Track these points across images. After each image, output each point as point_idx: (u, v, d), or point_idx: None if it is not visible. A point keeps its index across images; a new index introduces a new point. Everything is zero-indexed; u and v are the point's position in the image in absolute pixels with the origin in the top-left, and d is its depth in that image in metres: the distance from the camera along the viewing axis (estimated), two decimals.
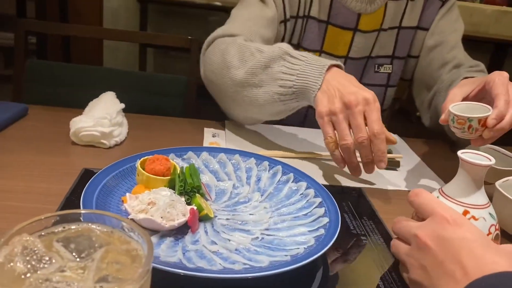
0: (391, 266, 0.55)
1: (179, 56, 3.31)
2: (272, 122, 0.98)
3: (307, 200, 0.62)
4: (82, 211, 0.34)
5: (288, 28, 0.98)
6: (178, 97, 1.30)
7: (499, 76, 0.70)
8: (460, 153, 0.55)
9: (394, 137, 0.93)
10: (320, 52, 1.01)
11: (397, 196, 0.75)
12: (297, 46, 1.01)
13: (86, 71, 1.27)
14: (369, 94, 0.70)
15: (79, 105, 0.87)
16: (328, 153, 0.85)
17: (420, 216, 0.49)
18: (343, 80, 0.72)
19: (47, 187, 0.63)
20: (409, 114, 2.94)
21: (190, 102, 1.30)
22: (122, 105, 0.86)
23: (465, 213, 0.54)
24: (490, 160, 0.54)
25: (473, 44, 3.74)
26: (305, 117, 1.08)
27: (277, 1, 0.95)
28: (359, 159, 0.74)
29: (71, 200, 0.60)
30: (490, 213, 0.55)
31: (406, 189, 0.78)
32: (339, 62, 0.76)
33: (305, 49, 1.01)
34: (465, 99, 0.73)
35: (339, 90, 0.70)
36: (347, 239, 0.60)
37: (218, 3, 3.30)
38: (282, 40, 0.99)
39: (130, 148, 0.79)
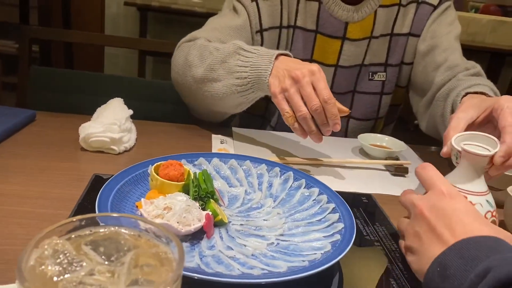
0: (405, 271, 0.55)
1: None
2: (278, 129, 0.98)
3: (320, 206, 0.62)
4: (112, 214, 0.33)
5: (267, 38, 0.98)
6: (182, 104, 1.31)
7: (508, 103, 0.66)
8: (462, 143, 0.57)
9: (401, 143, 0.94)
10: (310, 61, 1.01)
11: None
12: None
13: (90, 78, 1.27)
14: (313, 66, 0.75)
15: (84, 111, 0.87)
16: (337, 160, 0.86)
17: (425, 187, 0.54)
18: (290, 63, 0.78)
19: (59, 193, 0.63)
20: (407, 122, 2.96)
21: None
22: (131, 111, 0.86)
23: None
24: (489, 150, 0.56)
25: (470, 53, 3.77)
26: None
27: (251, 11, 0.95)
28: None
29: (84, 206, 0.60)
30: (487, 200, 0.57)
31: (445, 148, 0.75)
32: (287, 52, 0.83)
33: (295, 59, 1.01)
34: (470, 125, 0.69)
35: (287, 69, 0.76)
36: (361, 244, 0.60)
37: (199, 9, 3.34)
38: None
39: (139, 154, 0.79)
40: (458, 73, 0.95)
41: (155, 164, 0.62)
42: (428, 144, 1.05)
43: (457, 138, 0.61)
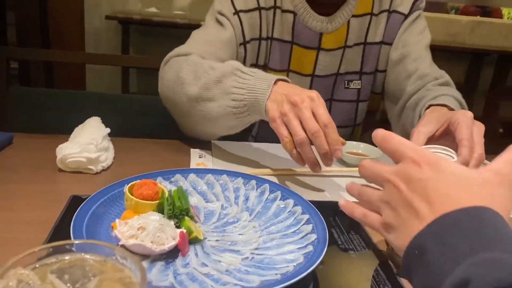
0: (382, 279, 0.56)
1: None
2: (259, 139, 1.00)
3: (295, 218, 0.64)
4: (75, 242, 0.34)
5: (249, 50, 1.00)
6: (163, 117, 1.31)
7: (463, 117, 0.71)
8: (426, 146, 0.58)
9: (377, 149, 0.96)
10: (287, 71, 1.04)
11: None
12: (264, 67, 1.03)
13: (70, 96, 1.28)
14: (312, 92, 0.75)
15: (66, 131, 0.87)
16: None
17: (393, 160, 0.47)
18: (289, 88, 0.78)
19: (36, 216, 0.63)
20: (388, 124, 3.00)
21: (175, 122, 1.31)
22: (108, 130, 0.87)
23: None
24: (452, 157, 0.57)
25: (451, 54, 3.84)
26: None
27: (234, 23, 0.97)
28: None
29: (61, 228, 0.60)
30: None
31: None
32: (286, 77, 0.81)
33: (272, 70, 1.03)
34: (430, 138, 0.73)
35: (285, 94, 0.75)
36: (336, 254, 0.61)
37: (200, 22, 3.34)
38: (244, 61, 1.01)
39: (117, 173, 0.80)
40: (428, 82, 0.98)
41: (129, 184, 0.62)
42: None
43: None
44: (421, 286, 0.39)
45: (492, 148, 0.76)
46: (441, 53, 1.06)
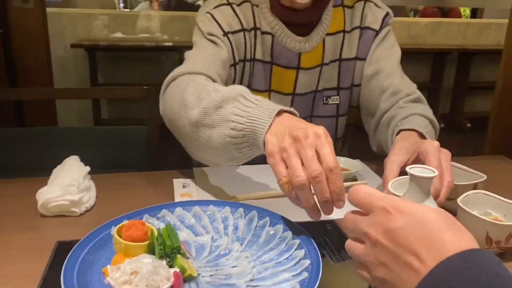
0: None
1: (135, 101, 3.30)
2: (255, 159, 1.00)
3: (286, 243, 0.64)
4: None
5: (237, 71, 1.01)
6: (141, 147, 1.30)
7: (431, 147, 0.75)
8: (408, 168, 0.60)
9: (357, 162, 0.98)
10: (269, 91, 1.05)
11: None
12: (249, 88, 1.04)
13: (43, 133, 1.25)
14: (319, 128, 0.65)
15: (41, 170, 0.86)
16: None
17: (365, 212, 0.48)
18: (294, 121, 0.68)
19: (21, 269, 0.62)
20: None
21: (154, 151, 1.30)
22: (88, 168, 0.86)
23: None
24: (434, 172, 0.59)
25: (414, 56, 3.96)
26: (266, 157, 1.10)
27: (227, 45, 0.98)
28: None
29: (50, 279, 0.59)
30: None
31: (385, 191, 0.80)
32: (292, 109, 0.73)
33: (255, 90, 1.05)
34: (402, 167, 0.78)
35: (288, 127, 0.66)
36: (329, 274, 0.62)
37: (168, 44, 3.34)
38: (233, 83, 1.01)
39: (102, 212, 0.79)
40: (400, 99, 1.01)
41: (117, 226, 0.61)
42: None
43: (394, 183, 0.72)
44: None
45: (461, 142, 0.79)
46: (403, 56, 1.10)
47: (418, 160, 0.78)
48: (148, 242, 0.60)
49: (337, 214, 0.81)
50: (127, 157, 1.29)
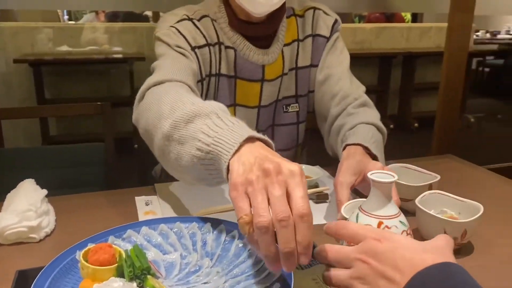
0: None
1: (85, 117, 3.20)
2: None
3: (256, 255, 0.64)
4: None
5: (204, 87, 1.01)
6: (97, 165, 1.27)
7: (374, 169, 0.78)
8: (369, 174, 0.63)
9: (317, 169, 1.00)
10: (234, 106, 1.05)
11: None
12: None
13: None
14: (295, 166, 0.55)
15: None
16: None
17: (354, 243, 0.53)
18: (267, 152, 0.58)
19: None
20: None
21: (111, 168, 1.27)
22: (45, 191, 0.82)
23: (380, 224, 0.62)
24: (393, 176, 0.62)
25: (361, 60, 4.10)
26: None
27: (195, 60, 0.96)
28: None
29: None
30: (400, 221, 0.63)
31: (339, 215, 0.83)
32: (266, 137, 0.63)
33: None
34: (351, 187, 0.84)
35: (260, 158, 0.56)
36: (300, 281, 0.63)
37: (118, 55, 3.27)
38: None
39: (63, 237, 0.76)
40: (349, 104, 1.05)
41: (83, 251, 0.60)
42: None
43: (346, 207, 0.77)
44: None
45: (410, 142, 0.83)
46: (351, 61, 1.14)
47: (364, 181, 0.84)
48: (116, 265, 0.58)
49: None
50: (83, 177, 1.25)
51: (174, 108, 0.71)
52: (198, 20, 1.00)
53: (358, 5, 1.14)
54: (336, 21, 1.13)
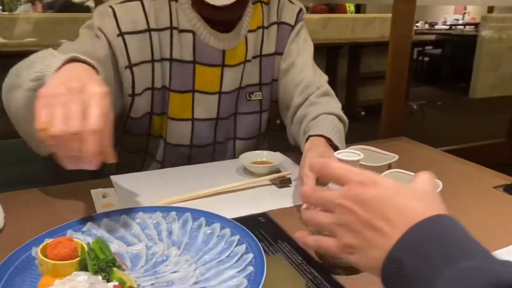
0: (319, 281, 0.59)
1: None
2: (166, 165, 0.96)
3: (226, 241, 0.63)
4: None
5: (139, 72, 0.96)
6: (41, 161, 1.19)
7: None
8: (336, 153, 0.63)
9: (278, 155, 1.00)
10: (192, 92, 1.02)
11: (298, 212, 0.79)
12: (163, 89, 1.00)
13: None
14: (99, 88, 0.61)
15: None
16: (227, 186, 0.87)
17: (338, 184, 0.48)
18: (82, 72, 0.66)
19: None
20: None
21: (57, 163, 1.20)
22: None
23: None
24: (359, 155, 0.63)
25: None
26: (189, 157, 1.08)
27: (116, 45, 0.92)
28: None
29: None
30: None
31: (305, 205, 0.83)
32: (90, 61, 0.70)
33: (175, 91, 1.00)
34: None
35: (72, 77, 0.63)
36: (270, 266, 0.62)
37: (34, 48, 3.11)
38: (133, 84, 0.96)
39: (14, 234, 0.70)
40: (311, 94, 1.05)
41: (40, 246, 0.56)
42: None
43: None
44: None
45: (360, 129, 0.85)
46: None
47: None
48: (79, 258, 0.55)
49: (266, 206, 0.82)
50: (27, 173, 1.18)
51: (20, 64, 0.76)
52: (153, 0, 0.96)
53: None
54: (301, 9, 1.12)
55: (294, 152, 1.08)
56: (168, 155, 1.06)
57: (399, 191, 0.44)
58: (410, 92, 4.53)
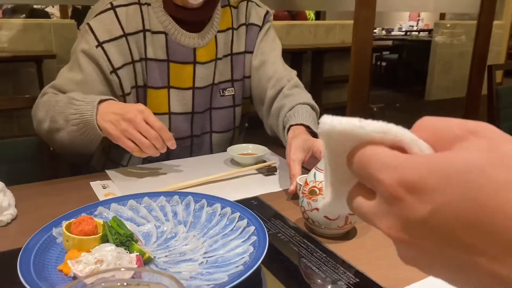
0: (311, 248, 0.67)
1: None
2: (158, 159, 1.03)
3: (228, 218, 0.71)
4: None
5: (124, 74, 1.04)
6: (31, 160, 1.23)
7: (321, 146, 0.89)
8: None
9: (262, 147, 1.09)
10: (168, 88, 1.10)
11: (286, 194, 0.88)
12: (144, 87, 1.09)
13: None
14: (140, 106, 0.91)
15: None
16: (218, 175, 0.95)
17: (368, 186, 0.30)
18: (117, 106, 0.93)
19: None
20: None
21: (47, 162, 1.23)
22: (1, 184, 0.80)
23: None
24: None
25: None
26: (191, 151, 1.15)
27: (98, 56, 1.00)
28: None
29: None
30: None
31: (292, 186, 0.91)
32: (111, 97, 0.97)
33: (153, 88, 1.08)
34: (302, 163, 0.91)
35: (118, 114, 0.90)
36: (275, 238, 0.70)
37: (24, 54, 3.07)
38: (121, 86, 1.05)
39: (27, 222, 0.75)
40: (283, 86, 1.15)
41: (64, 225, 0.61)
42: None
43: (299, 179, 0.83)
44: None
45: None
46: None
47: (313, 157, 0.91)
48: (100, 234, 0.61)
49: (256, 192, 0.90)
50: (17, 172, 1.20)
51: (48, 112, 0.97)
52: (126, 6, 1.04)
53: (266, 3, 1.24)
54: (267, 12, 1.22)
55: (272, 146, 1.17)
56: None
57: (466, 178, 0.24)
58: (370, 95, 4.73)
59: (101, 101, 0.93)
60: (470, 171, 0.24)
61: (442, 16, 5.67)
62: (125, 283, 0.37)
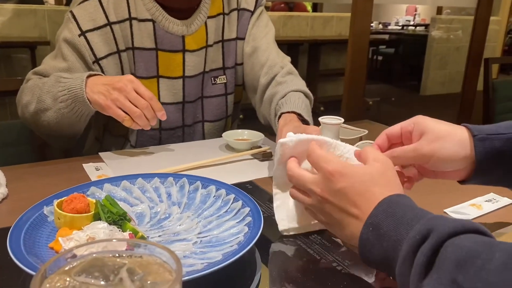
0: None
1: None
2: (138, 147, 1.01)
3: (222, 199, 0.70)
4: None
5: (108, 64, 1.02)
6: (24, 143, 1.21)
7: (315, 133, 0.85)
8: (320, 118, 0.72)
9: (257, 133, 1.08)
10: (157, 77, 1.08)
11: None
12: (133, 76, 1.05)
13: None
14: (129, 76, 0.92)
15: None
16: (213, 159, 0.94)
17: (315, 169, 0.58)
18: (105, 78, 0.93)
19: None
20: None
21: (39, 146, 1.22)
22: None
23: None
24: (340, 120, 0.72)
25: None
26: (160, 140, 1.14)
27: (80, 45, 0.99)
28: None
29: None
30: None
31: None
32: (99, 73, 0.97)
33: (141, 77, 1.05)
34: None
35: (108, 84, 0.90)
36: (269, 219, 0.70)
37: (18, 40, 3.03)
38: (103, 74, 1.02)
39: (19, 200, 0.74)
40: (276, 73, 1.12)
41: (56, 202, 0.60)
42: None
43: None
44: (381, 255, 0.49)
45: (317, 123, 0.93)
46: None
47: None
48: (93, 212, 0.60)
49: (250, 176, 0.90)
50: (9, 156, 1.19)
51: (34, 93, 0.96)
52: None
53: None
54: None
55: (266, 133, 1.16)
56: (141, 138, 1.10)
57: (361, 178, 0.54)
58: (366, 89, 4.73)
59: (89, 76, 0.92)
60: (369, 174, 0.55)
61: (439, 11, 5.67)
62: (117, 254, 0.36)
